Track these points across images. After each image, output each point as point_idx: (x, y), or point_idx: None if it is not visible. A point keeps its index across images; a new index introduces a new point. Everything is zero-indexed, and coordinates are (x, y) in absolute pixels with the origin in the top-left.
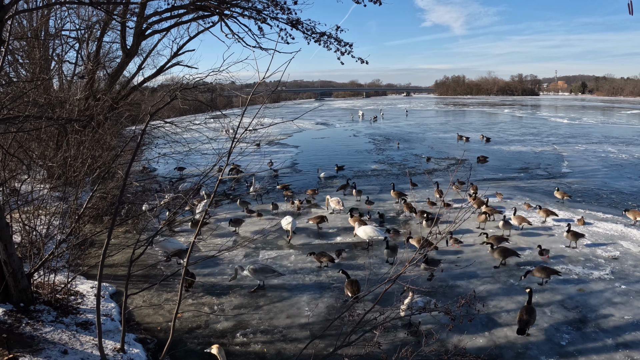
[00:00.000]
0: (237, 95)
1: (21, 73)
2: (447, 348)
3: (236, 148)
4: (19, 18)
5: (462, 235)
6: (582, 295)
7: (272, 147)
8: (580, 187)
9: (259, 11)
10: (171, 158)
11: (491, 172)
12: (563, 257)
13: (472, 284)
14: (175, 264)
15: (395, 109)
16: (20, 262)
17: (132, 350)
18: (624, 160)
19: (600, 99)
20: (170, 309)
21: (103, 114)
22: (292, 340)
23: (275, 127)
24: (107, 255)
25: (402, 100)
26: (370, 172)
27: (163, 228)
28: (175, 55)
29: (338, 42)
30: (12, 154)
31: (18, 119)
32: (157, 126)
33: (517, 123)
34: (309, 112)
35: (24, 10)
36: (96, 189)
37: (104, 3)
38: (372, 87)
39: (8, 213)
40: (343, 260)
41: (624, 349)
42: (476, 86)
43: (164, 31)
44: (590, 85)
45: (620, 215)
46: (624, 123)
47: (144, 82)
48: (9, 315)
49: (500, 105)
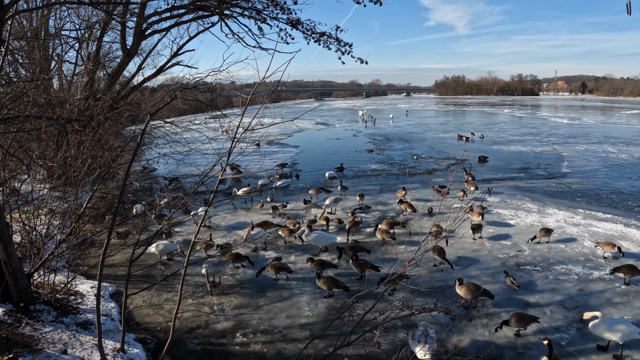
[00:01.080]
0: (237, 95)
1: (21, 73)
2: (447, 348)
3: (236, 148)
4: (19, 18)
5: (463, 235)
6: (582, 295)
7: (272, 147)
8: (580, 187)
9: (259, 11)
10: (171, 158)
11: (491, 172)
12: (563, 257)
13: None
14: (175, 265)
15: (395, 109)
16: (20, 262)
17: (132, 350)
18: (624, 160)
19: (600, 99)
20: (170, 309)
21: (103, 114)
22: (292, 340)
23: (275, 127)
24: (107, 255)
25: (402, 100)
26: (370, 172)
27: (163, 228)
28: (175, 55)
29: (338, 42)
30: (12, 154)
31: (18, 119)
32: (157, 126)
33: (517, 123)
34: (309, 112)
35: (24, 10)
36: (96, 189)
37: (104, 3)
38: (372, 87)
39: (8, 213)
40: (343, 259)
41: (624, 350)
42: (476, 86)
43: (164, 31)
44: (590, 85)
45: (620, 215)
46: (623, 123)
47: (144, 82)
48: (9, 315)
49: (500, 105)
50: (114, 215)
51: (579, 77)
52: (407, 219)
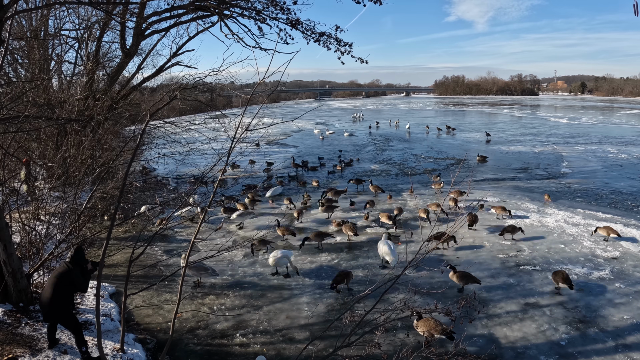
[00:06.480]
0: (237, 95)
1: (21, 73)
2: (447, 348)
3: (236, 148)
4: (18, 18)
5: (462, 236)
6: (582, 295)
7: (272, 146)
8: (580, 187)
9: (258, 11)
10: (171, 158)
11: (491, 172)
12: (563, 257)
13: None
14: (175, 265)
15: (395, 109)
16: (20, 262)
17: (131, 351)
18: (623, 160)
19: (600, 99)
20: (170, 309)
21: (103, 114)
22: (292, 340)
23: (275, 127)
24: (107, 255)
25: (401, 100)
26: (370, 172)
27: (163, 228)
28: (174, 55)
29: (337, 42)
30: (12, 154)
31: (18, 119)
32: (157, 126)
33: (516, 123)
34: (309, 112)
35: (24, 10)
36: (96, 189)
37: (104, 3)
38: (371, 87)
39: (8, 213)
40: (343, 260)
41: (624, 350)
42: (476, 86)
43: (164, 31)
44: (590, 85)
45: (620, 215)
46: (623, 123)
47: (144, 82)
48: (8, 315)
49: (499, 105)
50: (114, 215)
51: (579, 77)
52: (408, 219)
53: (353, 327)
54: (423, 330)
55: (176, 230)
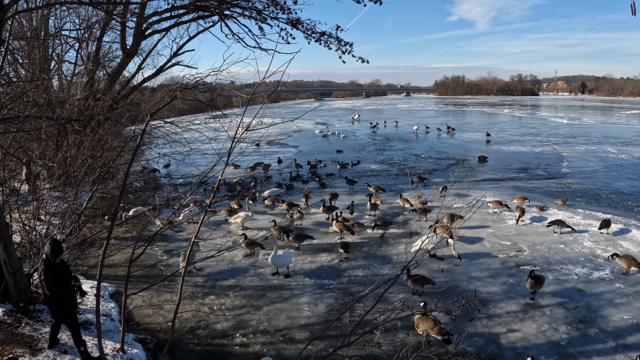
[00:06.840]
0: (237, 95)
1: (21, 73)
2: (447, 348)
3: (236, 148)
4: (18, 18)
5: (463, 237)
6: (582, 295)
7: (272, 146)
8: (580, 187)
9: (259, 11)
10: (171, 158)
11: (491, 172)
12: (563, 257)
13: (472, 284)
14: (175, 265)
15: (395, 109)
16: (20, 262)
17: (131, 350)
18: (623, 161)
19: (600, 99)
20: (170, 309)
21: (103, 114)
22: (292, 340)
23: (275, 127)
24: (107, 255)
25: (402, 101)
26: (369, 172)
27: (164, 228)
28: (175, 55)
29: (338, 41)
30: (12, 154)
31: (18, 118)
32: (157, 126)
33: (516, 123)
34: (309, 112)
35: (24, 10)
36: (96, 189)
37: (104, 3)
38: (371, 87)
39: (8, 213)
40: (344, 260)
41: (624, 350)
42: (476, 86)
43: (164, 31)
44: (590, 86)
45: (620, 216)
46: (623, 123)
47: (144, 82)
48: (8, 315)
49: (500, 105)
50: (114, 215)
51: (579, 77)
52: (407, 220)
53: (353, 327)
54: (422, 330)
55: (176, 230)
